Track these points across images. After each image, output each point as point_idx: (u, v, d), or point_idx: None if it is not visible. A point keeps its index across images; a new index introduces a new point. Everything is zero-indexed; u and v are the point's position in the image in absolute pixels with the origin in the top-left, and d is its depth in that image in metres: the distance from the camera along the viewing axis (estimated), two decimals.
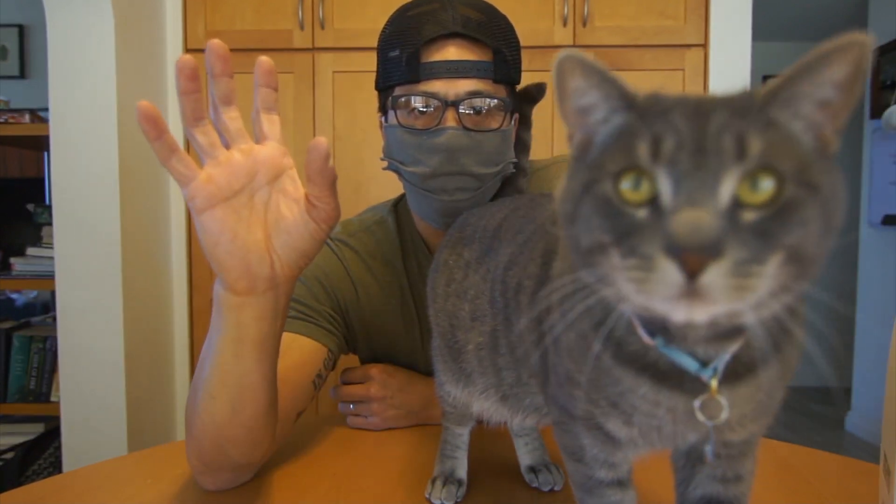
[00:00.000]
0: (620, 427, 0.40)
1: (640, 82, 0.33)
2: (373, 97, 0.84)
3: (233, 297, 0.57)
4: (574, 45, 1.84)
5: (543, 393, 0.48)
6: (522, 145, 0.83)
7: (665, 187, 0.30)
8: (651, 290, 0.30)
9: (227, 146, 0.56)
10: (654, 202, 0.31)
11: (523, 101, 0.82)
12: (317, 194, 0.57)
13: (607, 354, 0.38)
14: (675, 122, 0.31)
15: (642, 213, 0.31)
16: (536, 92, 0.82)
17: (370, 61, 0.84)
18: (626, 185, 0.31)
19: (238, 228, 0.55)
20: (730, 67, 1.85)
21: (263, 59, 0.56)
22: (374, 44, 0.82)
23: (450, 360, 0.61)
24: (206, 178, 0.54)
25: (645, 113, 0.33)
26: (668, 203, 0.30)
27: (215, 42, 0.53)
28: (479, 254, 0.57)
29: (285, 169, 0.58)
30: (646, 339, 0.36)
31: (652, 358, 0.37)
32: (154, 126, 0.52)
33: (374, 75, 0.83)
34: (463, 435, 0.68)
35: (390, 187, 0.90)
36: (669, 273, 0.29)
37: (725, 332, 0.34)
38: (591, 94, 0.34)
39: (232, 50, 0.54)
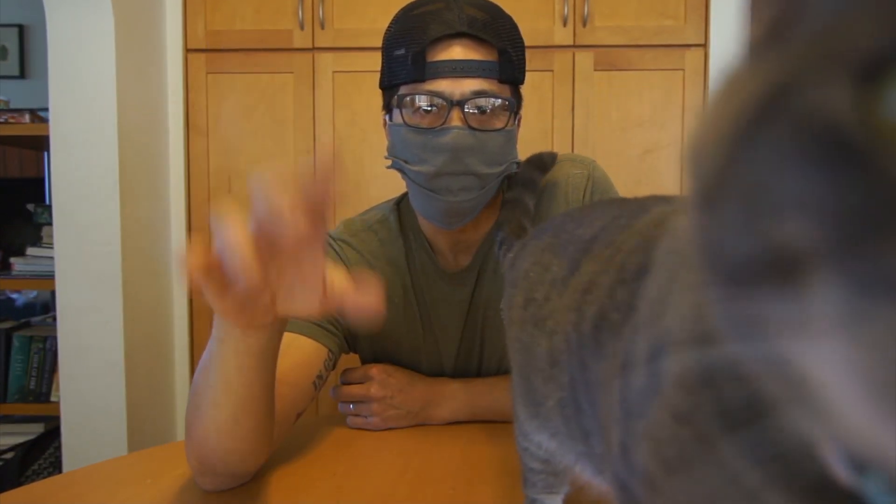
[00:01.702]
0: None
1: (640, 82, 0.31)
2: (373, 97, 0.84)
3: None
4: (574, 45, 1.84)
5: (603, 458, 0.34)
6: (524, 207, 0.76)
7: None
8: None
9: None
10: None
11: (533, 168, 0.81)
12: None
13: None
14: None
15: None
16: (549, 162, 0.82)
17: (370, 61, 0.84)
18: None
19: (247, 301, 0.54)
20: None
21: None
22: (375, 44, 0.82)
23: (532, 407, 0.47)
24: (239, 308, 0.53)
25: None
26: None
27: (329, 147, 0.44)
28: (567, 271, 0.43)
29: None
30: (842, 474, 0.20)
31: (817, 473, 0.21)
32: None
33: (374, 75, 0.83)
34: None
35: (391, 187, 0.90)
36: None
37: None
38: None
39: (232, 50, 0.52)
